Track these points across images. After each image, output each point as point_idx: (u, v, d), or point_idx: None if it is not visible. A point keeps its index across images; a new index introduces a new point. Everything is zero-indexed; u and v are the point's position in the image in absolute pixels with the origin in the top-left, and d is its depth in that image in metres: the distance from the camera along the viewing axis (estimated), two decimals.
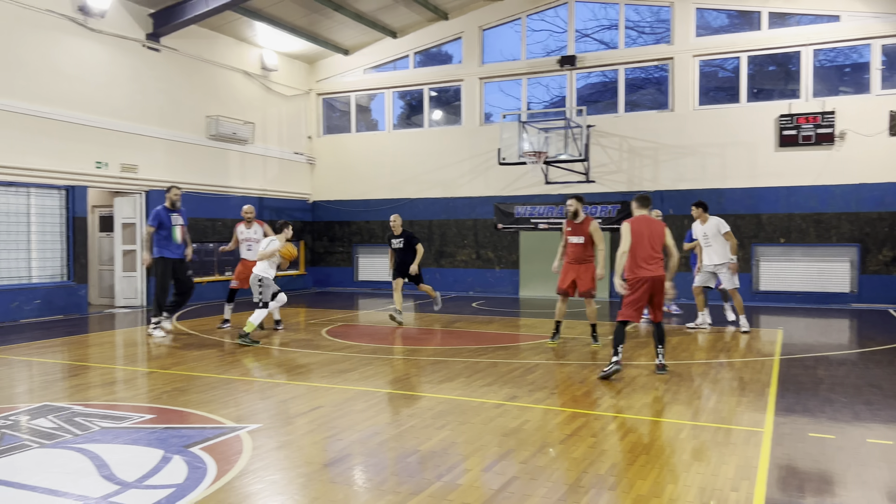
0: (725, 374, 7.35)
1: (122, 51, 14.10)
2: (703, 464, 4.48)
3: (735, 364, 7.93)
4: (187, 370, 7.72)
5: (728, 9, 15.51)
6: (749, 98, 15.37)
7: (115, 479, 4.22)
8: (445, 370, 7.62)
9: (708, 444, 4.90)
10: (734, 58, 15.50)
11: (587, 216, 9.06)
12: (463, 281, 17.82)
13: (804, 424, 5.41)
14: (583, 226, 8.97)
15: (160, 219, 9.94)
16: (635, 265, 7.19)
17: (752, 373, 7.41)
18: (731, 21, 15.77)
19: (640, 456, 4.64)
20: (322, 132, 19.73)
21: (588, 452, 4.71)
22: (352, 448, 4.86)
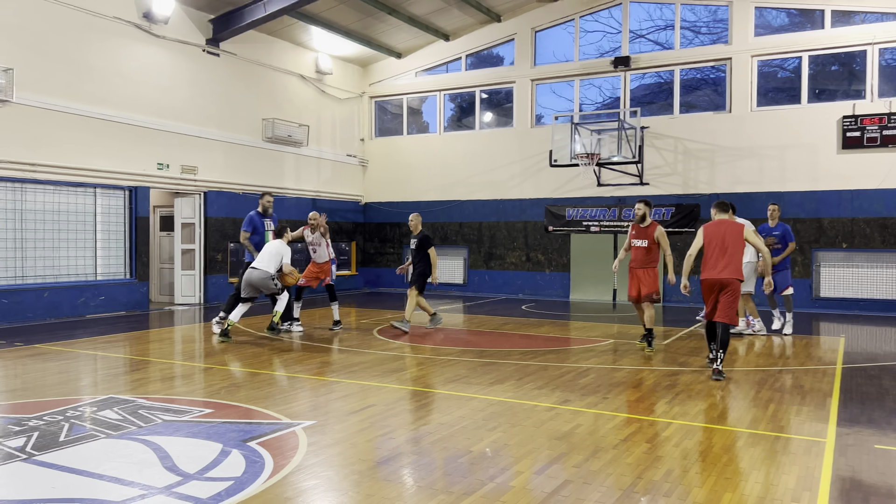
0: (785, 383, 7.16)
1: (184, 55, 14.53)
2: (761, 473, 4.38)
3: (795, 372, 7.72)
4: (244, 367, 7.91)
5: (789, 7, 15.09)
6: (810, 99, 14.92)
7: (178, 470, 4.36)
8: (496, 372, 7.62)
9: (767, 453, 4.78)
10: (795, 58, 15.07)
11: (653, 221, 9.27)
12: (512, 283, 17.77)
13: (869, 436, 5.23)
14: (648, 230, 9.16)
15: (254, 223, 10.25)
16: (704, 267, 7.52)
17: (812, 381, 7.20)
18: (791, 20, 15.34)
19: (696, 463, 4.57)
20: (374, 134, 19.95)
21: (642, 458, 4.66)
22: (404, 447, 4.91)
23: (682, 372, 7.77)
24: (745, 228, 7.58)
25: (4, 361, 8.18)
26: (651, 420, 5.66)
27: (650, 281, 9.05)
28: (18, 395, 6.44)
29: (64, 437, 5.08)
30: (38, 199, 12.17)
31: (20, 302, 11.80)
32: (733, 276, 7.29)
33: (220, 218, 15.39)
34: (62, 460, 4.54)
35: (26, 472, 4.36)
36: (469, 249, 18.38)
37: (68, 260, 12.68)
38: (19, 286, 11.87)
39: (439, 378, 7.33)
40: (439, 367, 7.90)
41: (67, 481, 4.18)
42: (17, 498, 3.95)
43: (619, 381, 7.23)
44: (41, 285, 12.17)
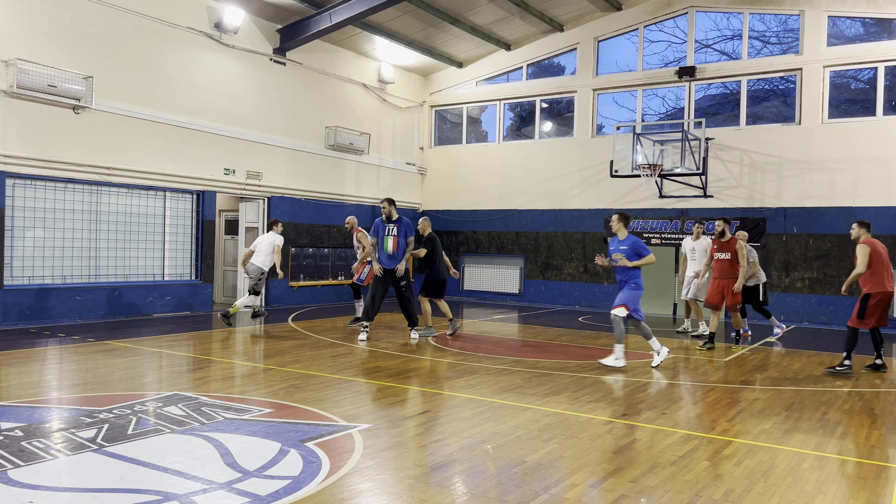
0: (854, 404, 6.88)
1: (252, 64, 14.98)
2: (828, 496, 4.22)
3: (865, 394, 7.41)
4: (302, 368, 8.06)
5: (864, 16, 14.56)
6: (886, 111, 14.34)
7: (238, 466, 4.48)
8: (551, 383, 7.56)
9: (834, 477, 4.61)
10: (870, 68, 14.52)
11: (733, 236, 10.47)
12: (569, 294, 17.60)
13: None
14: (729, 244, 10.34)
15: (377, 229, 10.55)
16: (880, 282, 8.39)
17: (884, 404, 6.89)
18: (866, 29, 14.79)
19: (758, 483, 4.43)
20: (433, 143, 20.11)
21: (701, 476, 4.55)
22: (458, 454, 4.92)
23: (745, 389, 7.55)
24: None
25: (77, 356, 8.56)
26: (711, 437, 5.52)
27: (733, 295, 10.22)
28: (90, 389, 6.72)
29: (132, 430, 5.28)
30: (111, 201, 12.71)
31: (93, 300, 12.32)
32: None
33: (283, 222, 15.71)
34: (130, 452, 4.72)
35: (96, 461, 4.55)
36: (525, 259, 18.31)
37: (138, 260, 13.19)
38: (92, 284, 12.40)
39: (494, 387, 7.32)
40: (494, 377, 7.89)
41: (134, 472, 4.34)
42: (88, 486, 4.12)
43: (679, 397, 7.07)
44: (112, 284, 12.69)
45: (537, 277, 18.13)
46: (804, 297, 14.85)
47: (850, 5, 14.51)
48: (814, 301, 14.76)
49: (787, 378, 8.24)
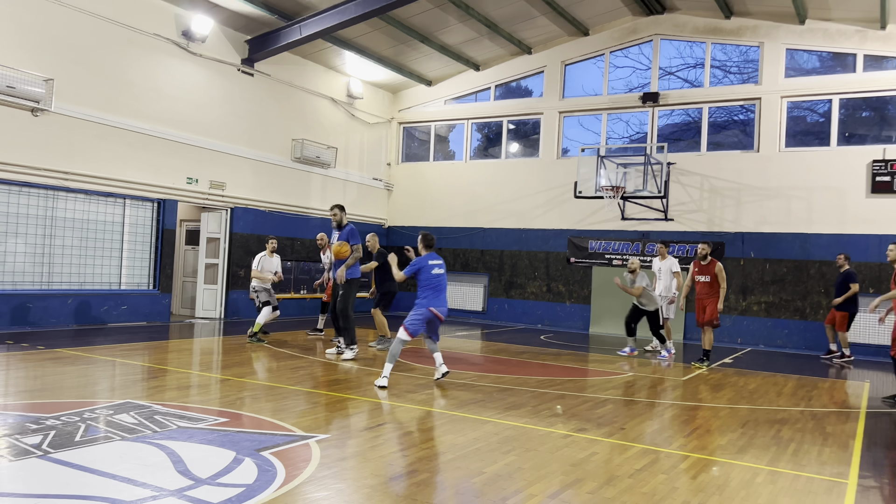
0: (807, 423, 7.01)
1: (219, 74, 14.85)
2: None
3: (817, 414, 7.56)
4: (261, 379, 7.92)
5: (821, 50, 15.08)
6: (840, 142, 14.82)
7: (190, 474, 4.37)
8: (512, 398, 7.56)
9: (786, 491, 4.68)
10: (825, 100, 15.02)
11: (712, 259, 10.98)
12: (532, 313, 17.69)
13: (892, 478, 5.09)
14: (709, 266, 10.90)
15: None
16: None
17: (835, 423, 7.04)
18: (822, 63, 15.32)
19: (713, 496, 4.47)
20: (401, 159, 20.14)
21: (658, 488, 4.57)
22: (417, 465, 4.87)
23: (702, 407, 7.65)
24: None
25: (26, 364, 8.29)
26: (668, 452, 5.56)
27: (711, 309, 10.81)
28: (37, 396, 6.51)
29: (79, 437, 5.12)
30: (69, 207, 12.42)
31: (45, 307, 11.97)
32: None
33: (246, 234, 15.56)
34: (76, 459, 4.57)
35: (41, 468, 4.39)
36: (490, 277, 18.37)
37: (94, 268, 12.87)
38: (45, 291, 12.06)
39: (455, 401, 7.29)
40: (455, 391, 7.86)
41: (80, 479, 4.20)
42: (31, 492, 3.98)
43: (637, 413, 7.13)
44: (67, 291, 12.35)
45: (501, 296, 18.19)
46: (760, 320, 15.15)
47: (808, 39, 15.01)
48: (769, 324, 15.07)
49: (742, 397, 8.37)
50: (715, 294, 10.82)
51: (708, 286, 10.88)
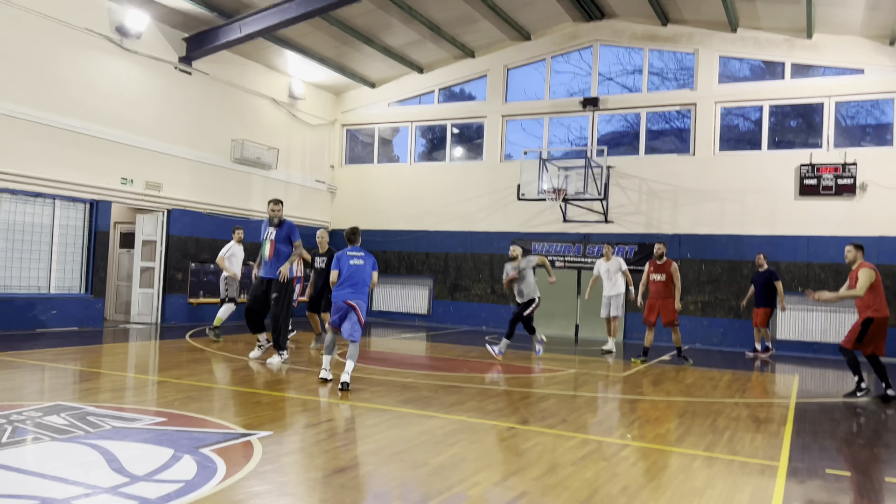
0: (741, 413, 7.24)
1: (155, 72, 14.46)
2: (716, 490, 4.40)
3: (751, 405, 7.82)
4: (199, 381, 7.72)
5: (752, 58, 15.68)
6: (770, 146, 15.43)
7: (125, 472, 4.22)
8: (457, 395, 7.58)
9: (722, 474, 4.82)
10: (757, 106, 15.61)
11: (668, 259, 11.20)
12: (476, 315, 17.77)
13: (820, 461, 5.31)
14: (665, 266, 11.08)
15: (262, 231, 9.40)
16: (882, 306, 8.03)
17: (767, 412, 7.30)
18: (753, 71, 15.94)
19: (653, 480, 4.58)
20: (344, 162, 19.99)
21: (599, 474, 4.65)
22: (362, 458, 4.83)
23: (641, 400, 7.82)
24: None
25: None
26: (609, 441, 5.67)
27: (670, 310, 10.96)
28: None
29: (6, 438, 4.89)
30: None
31: None
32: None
33: (183, 237, 15.16)
34: (3, 460, 4.36)
35: None
36: (434, 280, 18.38)
37: (21, 271, 12.33)
38: None
39: (400, 398, 7.25)
40: (400, 389, 7.82)
41: (7, 478, 4.01)
42: None
43: (579, 406, 7.24)
44: None
45: (446, 298, 18.22)
46: (696, 319, 15.60)
47: (739, 47, 15.59)
48: (705, 323, 15.54)
49: (680, 391, 8.60)
50: (670, 294, 11.00)
51: (663, 285, 11.05)
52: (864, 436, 6.39)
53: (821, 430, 6.48)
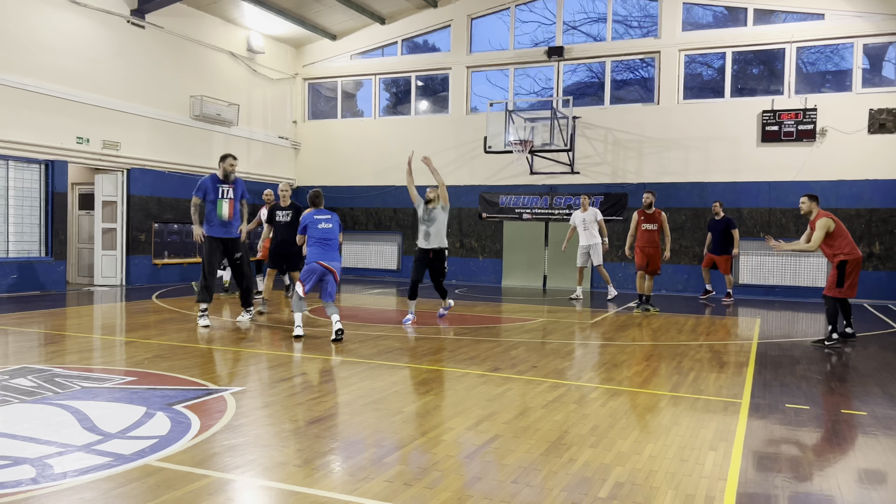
0: (705, 355, 7.45)
1: (107, 26, 13.93)
2: (682, 427, 4.55)
3: (714, 346, 8.04)
4: (168, 340, 7.67)
5: (715, 4, 15.66)
6: (733, 94, 15.54)
7: (98, 430, 4.20)
8: (428, 345, 7.65)
9: (687, 412, 4.98)
10: (720, 53, 15.66)
11: (657, 209, 11.21)
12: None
13: (780, 396, 5.51)
14: (654, 215, 11.14)
15: (205, 189, 8.72)
16: (852, 247, 8.07)
17: (730, 354, 7.52)
18: (716, 18, 15.93)
19: (621, 420, 4.71)
20: (307, 117, 19.64)
21: (569, 416, 4.77)
22: (336, 409, 4.87)
23: (609, 345, 7.99)
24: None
25: None
26: (578, 385, 5.80)
27: (657, 259, 11.12)
28: None
29: None
30: None
31: None
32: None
33: (145, 197, 14.85)
34: None
35: None
36: (403, 235, 18.35)
37: None
38: None
39: (372, 350, 7.30)
40: (372, 342, 7.87)
41: None
42: None
43: (548, 353, 7.37)
44: None
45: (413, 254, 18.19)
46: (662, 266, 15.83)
47: None
48: (671, 270, 15.81)
49: (646, 336, 8.80)
50: (659, 242, 11.16)
51: (654, 234, 11.16)
52: (822, 372, 6.64)
53: (781, 369, 6.70)
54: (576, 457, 3.89)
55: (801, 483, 3.58)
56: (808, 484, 3.58)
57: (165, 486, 3.32)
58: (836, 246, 8.14)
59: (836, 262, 8.12)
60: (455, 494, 3.29)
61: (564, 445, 4.09)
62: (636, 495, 3.33)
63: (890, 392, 5.79)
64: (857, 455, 4.10)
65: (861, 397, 5.59)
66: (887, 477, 3.73)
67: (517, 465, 3.71)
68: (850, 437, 4.46)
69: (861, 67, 14.49)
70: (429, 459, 3.79)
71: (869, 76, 14.55)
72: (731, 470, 3.71)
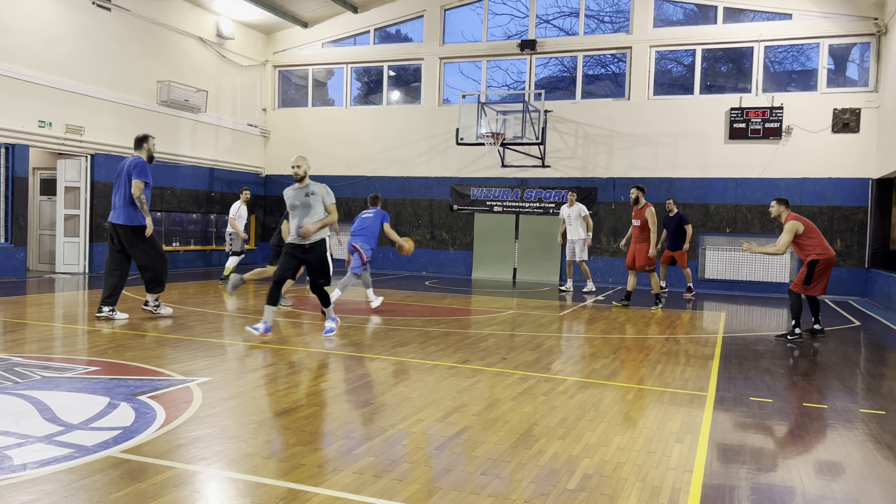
0: (671, 348, 7.55)
1: (71, 6, 13.58)
2: (649, 419, 4.60)
3: (680, 339, 8.16)
4: (133, 329, 7.53)
5: (686, 1, 15.81)
6: (702, 91, 15.73)
7: (59, 421, 4.11)
8: (398, 337, 7.63)
9: (654, 404, 5.04)
10: (690, 50, 15.83)
11: (646, 203, 10.75)
12: (416, 261, 17.81)
13: (745, 390, 5.61)
14: (641, 211, 10.74)
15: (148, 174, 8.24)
16: (824, 247, 8.14)
17: (696, 347, 7.63)
18: (687, 16, 16.10)
19: (589, 412, 4.75)
20: (277, 105, 19.41)
21: (538, 408, 4.79)
22: (305, 400, 4.83)
23: (578, 338, 8.05)
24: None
25: None
26: (547, 377, 5.83)
27: (643, 255, 10.69)
28: None
29: None
30: None
31: None
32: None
33: (109, 183, 14.52)
34: None
35: None
36: None
37: None
38: None
39: (342, 342, 7.25)
40: (342, 333, 7.82)
41: None
42: None
43: (518, 345, 7.40)
44: None
45: (386, 244, 18.11)
46: None
47: None
48: None
49: (614, 329, 8.89)
50: (647, 238, 10.63)
51: (639, 230, 10.74)
52: (785, 366, 6.77)
53: (746, 363, 6.82)
54: (544, 448, 3.91)
55: (764, 474, 3.65)
56: (770, 475, 3.65)
57: (129, 478, 3.26)
58: (807, 247, 8.22)
59: (808, 261, 8.20)
60: (424, 486, 3.28)
61: (533, 437, 4.11)
62: (604, 487, 3.36)
63: (849, 386, 5.93)
64: (818, 447, 4.19)
65: (822, 391, 5.72)
66: (847, 468, 3.82)
67: (486, 457, 3.72)
68: (812, 429, 4.56)
69: (826, 67, 14.78)
70: (398, 451, 3.78)
71: (833, 76, 14.85)
72: (697, 462, 3.77)
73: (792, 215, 8.37)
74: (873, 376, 6.39)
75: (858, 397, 5.50)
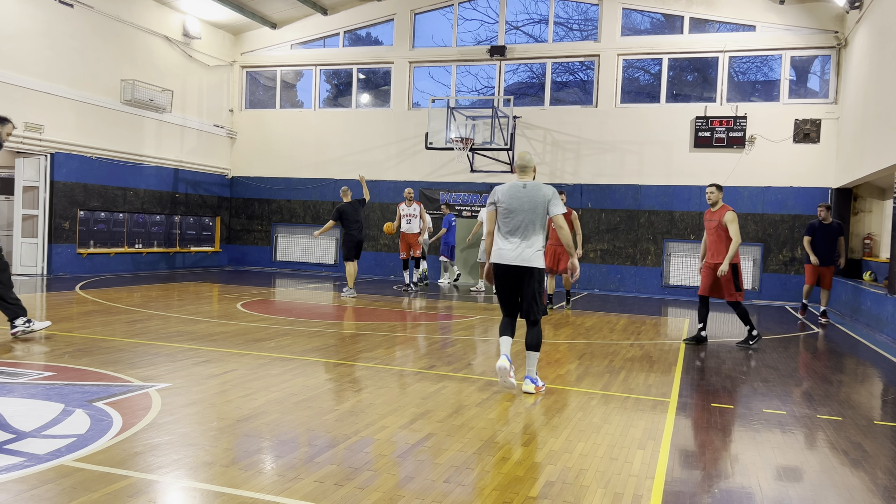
0: (635, 354, 7.62)
1: (31, 2, 13.26)
2: (612, 426, 4.63)
3: (644, 346, 8.23)
4: (91, 334, 7.36)
5: (653, 10, 16.04)
6: (668, 99, 15.96)
7: (10, 428, 3.98)
8: (364, 342, 7.58)
9: (617, 411, 5.07)
10: (657, 59, 16.05)
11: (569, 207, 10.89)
12: (384, 265, 17.74)
13: (707, 396, 5.68)
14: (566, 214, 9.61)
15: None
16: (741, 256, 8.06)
17: (659, 353, 7.71)
18: (654, 25, 16.33)
19: (554, 417, 4.76)
20: (244, 106, 19.19)
21: (502, 414, 4.79)
22: (267, 407, 4.76)
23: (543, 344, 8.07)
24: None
25: None
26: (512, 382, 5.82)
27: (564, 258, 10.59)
28: None
29: None
30: None
31: None
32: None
33: (70, 183, 14.22)
34: None
35: None
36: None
37: None
38: None
39: (306, 347, 7.18)
40: (306, 338, 7.74)
41: None
42: None
43: (483, 351, 7.40)
44: None
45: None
46: (596, 266, 16.19)
47: (642, 0, 15.89)
48: (604, 270, 16.16)
49: (580, 334, 8.94)
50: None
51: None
52: (746, 373, 6.88)
53: (707, 369, 6.91)
54: (508, 455, 3.90)
55: (724, 480, 3.69)
56: (730, 481, 3.69)
57: (82, 488, 3.16)
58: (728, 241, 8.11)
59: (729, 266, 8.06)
60: (387, 494, 3.25)
61: (497, 444, 4.10)
62: (566, 494, 3.36)
63: (807, 392, 6.05)
64: (776, 453, 4.25)
65: (781, 397, 5.82)
66: (804, 474, 3.88)
67: (450, 464, 3.70)
68: (771, 435, 4.62)
69: (788, 79, 15.10)
70: (361, 459, 3.74)
71: (795, 87, 15.18)
72: (659, 468, 3.80)
73: (728, 206, 8.36)
74: (831, 383, 6.53)
75: (816, 403, 5.61)
